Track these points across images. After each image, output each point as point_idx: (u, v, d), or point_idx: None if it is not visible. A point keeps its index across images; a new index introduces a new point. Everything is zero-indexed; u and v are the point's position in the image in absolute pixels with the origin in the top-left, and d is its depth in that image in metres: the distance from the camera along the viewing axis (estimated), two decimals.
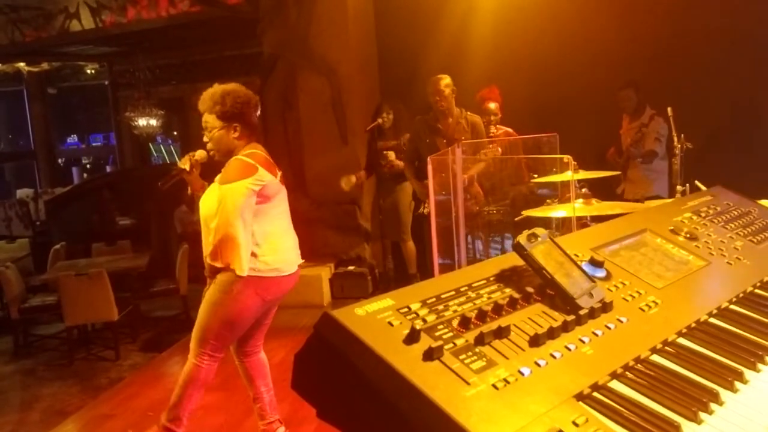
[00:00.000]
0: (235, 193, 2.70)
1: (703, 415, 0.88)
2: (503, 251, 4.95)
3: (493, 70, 5.43)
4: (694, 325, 1.10)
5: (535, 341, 0.91)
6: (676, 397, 0.91)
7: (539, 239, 1.04)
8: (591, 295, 1.01)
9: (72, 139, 17.10)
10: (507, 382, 0.82)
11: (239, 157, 2.79)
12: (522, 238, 1.03)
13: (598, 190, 3.38)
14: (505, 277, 1.04)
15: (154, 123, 11.15)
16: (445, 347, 0.84)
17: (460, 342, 0.87)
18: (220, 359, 2.91)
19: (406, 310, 0.90)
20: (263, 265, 2.78)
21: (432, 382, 0.78)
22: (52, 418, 4.30)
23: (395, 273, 6.05)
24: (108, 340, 5.71)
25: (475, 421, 0.75)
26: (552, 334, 0.92)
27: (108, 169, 16.21)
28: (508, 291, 1.00)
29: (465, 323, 0.90)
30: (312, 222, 5.97)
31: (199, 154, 2.95)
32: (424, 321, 0.89)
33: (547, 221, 3.74)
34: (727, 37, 5.03)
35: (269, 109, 6.21)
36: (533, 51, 5.43)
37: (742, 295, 1.23)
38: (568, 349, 0.91)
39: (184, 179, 2.98)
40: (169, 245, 7.74)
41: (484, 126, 4.90)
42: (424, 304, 0.93)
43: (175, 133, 13.92)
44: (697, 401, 0.90)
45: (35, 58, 11.42)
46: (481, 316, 0.92)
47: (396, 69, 6.17)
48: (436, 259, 3.94)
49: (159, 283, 6.21)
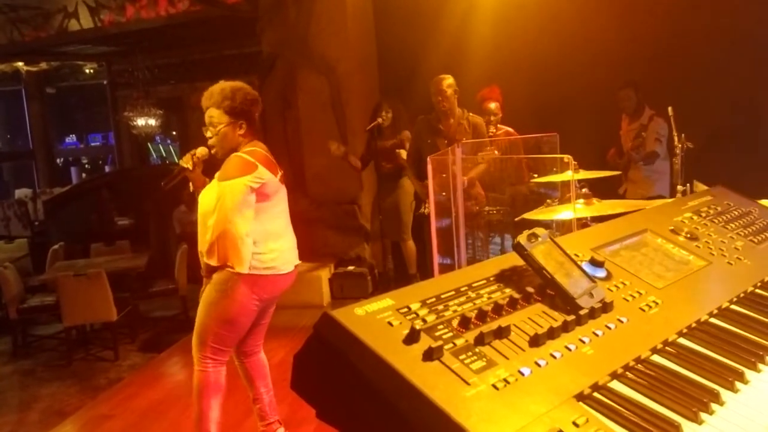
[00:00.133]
0: (234, 190, 2.69)
1: (703, 415, 0.88)
2: (503, 251, 4.94)
3: (493, 70, 5.42)
4: (694, 325, 1.10)
5: (536, 341, 0.90)
6: (677, 398, 0.90)
7: (539, 239, 1.04)
8: (591, 295, 1.01)
9: (70, 138, 17.05)
10: (507, 382, 0.82)
11: (239, 154, 2.78)
12: (522, 238, 1.03)
13: (600, 190, 3.37)
14: (505, 277, 1.04)
15: (152, 123, 11.13)
16: (445, 347, 0.84)
17: (460, 342, 0.86)
18: (226, 362, 2.87)
19: (405, 310, 0.90)
20: (259, 263, 2.77)
21: (432, 382, 0.78)
22: (50, 418, 4.30)
23: (395, 273, 6.04)
24: (107, 341, 5.71)
25: (475, 421, 0.75)
26: (552, 334, 0.92)
27: (107, 169, 16.18)
28: (509, 291, 1.00)
29: (465, 323, 0.90)
30: (312, 222, 5.97)
31: (201, 152, 2.93)
32: (424, 321, 0.89)
33: (547, 221, 3.73)
34: (727, 37, 5.03)
35: (268, 109, 6.19)
36: (533, 51, 5.43)
37: (743, 295, 1.23)
38: (569, 349, 0.91)
39: (186, 178, 2.97)
40: (168, 245, 7.74)
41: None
42: (424, 304, 0.92)
43: (174, 132, 13.88)
44: (698, 401, 0.90)
45: (34, 58, 11.40)
46: (481, 316, 0.92)
47: (395, 68, 6.17)
48: (436, 259, 3.93)
49: (158, 283, 6.22)
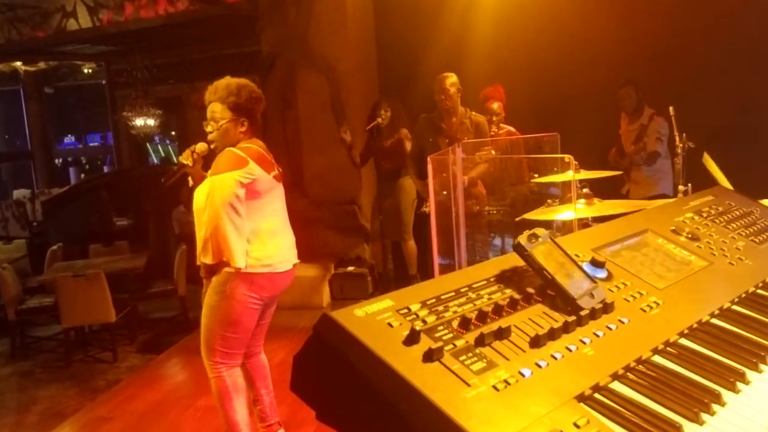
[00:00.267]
0: (223, 184, 2.67)
1: (704, 416, 0.88)
2: (503, 251, 4.94)
3: (493, 70, 5.42)
4: (695, 325, 1.10)
5: (536, 342, 0.90)
6: (678, 398, 0.90)
7: (540, 239, 1.03)
8: (592, 295, 1.01)
9: (69, 139, 17.01)
10: (507, 383, 0.81)
11: (231, 149, 2.76)
12: (523, 239, 1.03)
13: (602, 190, 3.37)
14: (505, 278, 1.03)
15: (151, 123, 11.13)
16: (445, 348, 0.84)
17: (460, 343, 0.86)
18: (239, 364, 2.86)
19: (405, 311, 0.90)
20: (254, 261, 2.75)
21: (432, 383, 0.78)
22: (49, 420, 4.29)
23: (395, 273, 6.04)
24: (105, 342, 5.70)
25: (475, 422, 0.74)
26: (553, 335, 0.92)
27: (105, 169, 16.14)
28: (509, 292, 1.00)
29: (465, 324, 0.90)
30: (311, 222, 5.95)
31: (200, 147, 2.91)
32: (424, 322, 0.88)
33: (547, 221, 3.73)
34: (727, 37, 5.03)
35: (268, 108, 6.15)
36: (533, 50, 5.42)
37: (744, 295, 1.23)
38: (569, 350, 0.91)
39: (186, 174, 2.95)
40: (167, 246, 7.72)
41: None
42: (424, 305, 0.92)
43: (173, 132, 13.86)
44: (699, 402, 0.89)
45: (32, 58, 11.40)
46: (482, 317, 0.92)
47: (395, 67, 6.17)
48: (436, 260, 3.92)
49: (157, 284, 6.20)
